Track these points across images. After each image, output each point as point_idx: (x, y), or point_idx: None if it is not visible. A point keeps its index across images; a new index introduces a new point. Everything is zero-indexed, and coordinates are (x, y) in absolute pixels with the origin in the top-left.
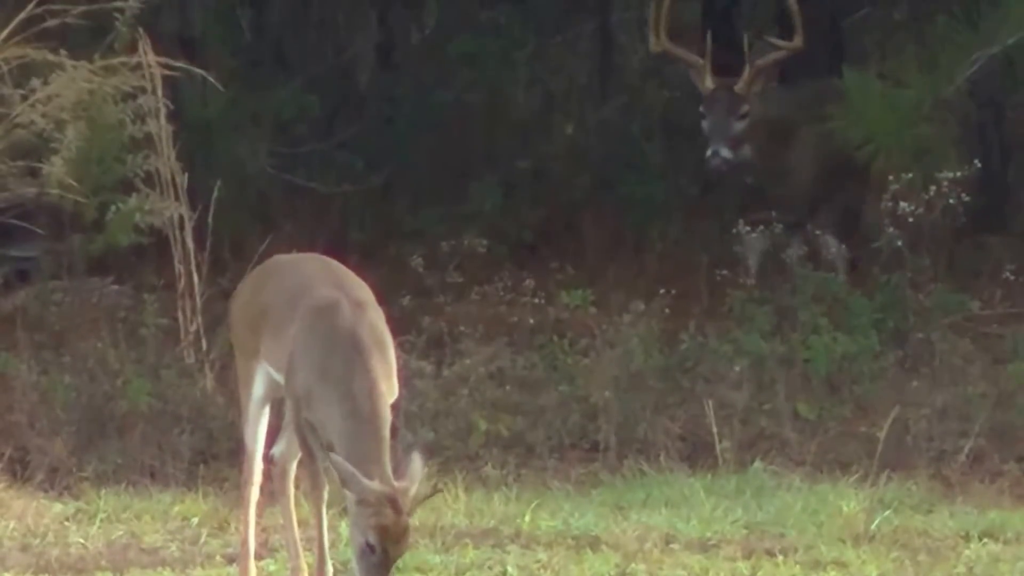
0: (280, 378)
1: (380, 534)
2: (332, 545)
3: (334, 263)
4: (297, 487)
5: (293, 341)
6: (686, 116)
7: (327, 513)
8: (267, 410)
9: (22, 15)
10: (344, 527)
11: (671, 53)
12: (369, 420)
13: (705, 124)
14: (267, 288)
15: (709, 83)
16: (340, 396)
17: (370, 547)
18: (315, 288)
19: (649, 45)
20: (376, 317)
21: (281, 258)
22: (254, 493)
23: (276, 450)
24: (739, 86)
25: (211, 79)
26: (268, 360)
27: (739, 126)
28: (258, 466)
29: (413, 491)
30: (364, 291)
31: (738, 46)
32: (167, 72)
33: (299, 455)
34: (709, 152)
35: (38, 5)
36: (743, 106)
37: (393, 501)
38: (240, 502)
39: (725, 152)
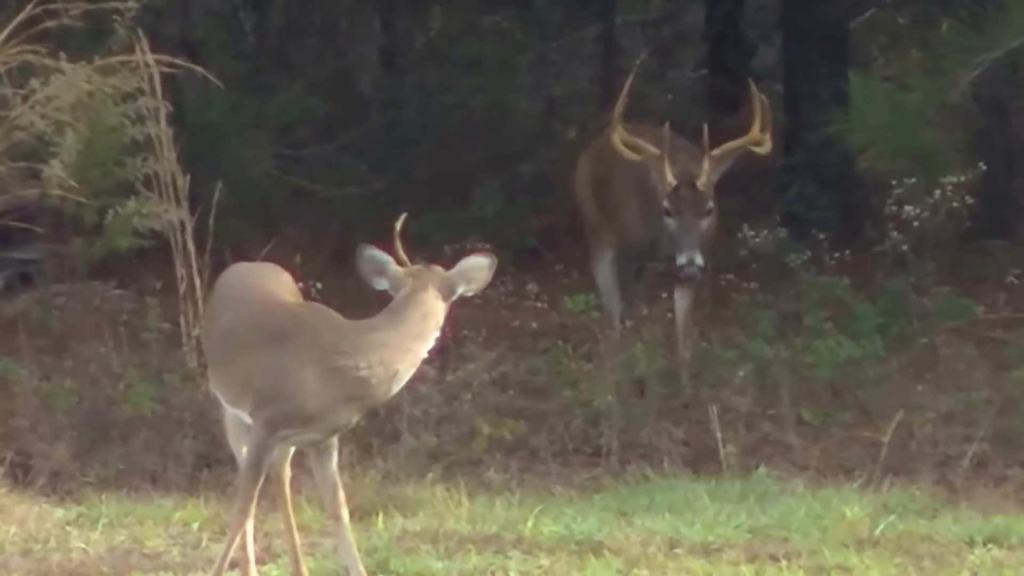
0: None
1: None
2: (334, 550)
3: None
4: (297, 491)
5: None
6: (689, 120)
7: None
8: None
9: (21, 16)
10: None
11: (629, 145)
12: None
13: (670, 223)
14: (222, 315)
15: (671, 179)
16: None
17: None
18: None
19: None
20: None
21: (232, 282)
22: None
23: None
24: (701, 181)
25: (212, 78)
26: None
27: (705, 224)
28: None
29: None
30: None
31: (742, 51)
32: (167, 69)
33: (288, 458)
34: (683, 260)
35: (37, 6)
36: (708, 203)
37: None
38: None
39: (699, 259)
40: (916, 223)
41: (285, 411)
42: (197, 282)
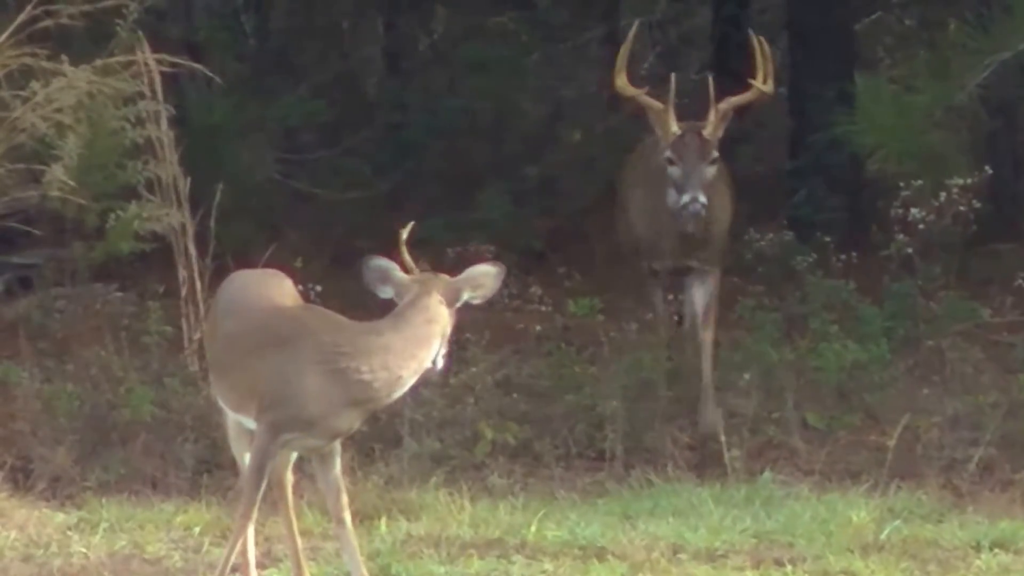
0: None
1: None
2: (336, 554)
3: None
4: (299, 496)
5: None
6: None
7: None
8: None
9: (21, 16)
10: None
11: (631, 96)
12: None
13: (674, 171)
14: (224, 322)
15: (675, 128)
16: None
17: None
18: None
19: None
20: None
21: (234, 289)
22: None
23: None
24: (707, 131)
25: (216, 78)
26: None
27: (710, 171)
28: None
29: None
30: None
31: (747, 53)
32: (167, 69)
33: (290, 463)
34: (687, 198)
35: (37, 6)
36: (712, 152)
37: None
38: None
39: (703, 197)
40: (923, 226)
41: (289, 415)
42: (198, 286)
